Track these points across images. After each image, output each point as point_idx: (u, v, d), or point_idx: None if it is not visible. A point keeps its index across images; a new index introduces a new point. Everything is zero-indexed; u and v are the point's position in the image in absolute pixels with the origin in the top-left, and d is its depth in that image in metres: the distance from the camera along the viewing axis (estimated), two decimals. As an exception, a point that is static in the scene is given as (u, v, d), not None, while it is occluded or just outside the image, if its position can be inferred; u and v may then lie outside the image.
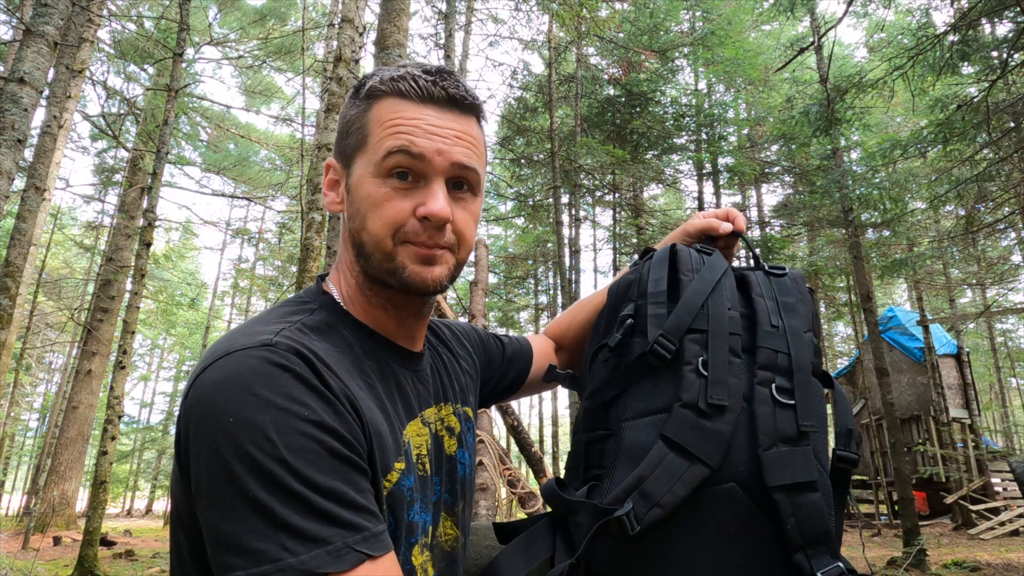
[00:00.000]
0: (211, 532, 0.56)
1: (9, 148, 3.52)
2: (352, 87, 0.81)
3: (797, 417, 0.73)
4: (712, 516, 0.69)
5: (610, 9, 10.83)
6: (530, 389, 1.10)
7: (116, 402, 6.22)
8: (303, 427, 0.57)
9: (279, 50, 14.95)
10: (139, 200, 12.71)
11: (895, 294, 25.93)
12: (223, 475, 0.55)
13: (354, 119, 0.76)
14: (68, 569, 6.83)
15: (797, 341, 0.78)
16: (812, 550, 0.68)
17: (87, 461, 13.43)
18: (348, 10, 4.94)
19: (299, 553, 0.53)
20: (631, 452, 0.72)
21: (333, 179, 0.79)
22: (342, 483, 0.58)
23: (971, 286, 15.86)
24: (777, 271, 0.88)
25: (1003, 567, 7.06)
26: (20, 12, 7.71)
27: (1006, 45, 6.70)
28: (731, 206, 9.97)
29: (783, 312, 0.80)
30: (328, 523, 0.55)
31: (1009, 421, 22.11)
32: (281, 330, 0.65)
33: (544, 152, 13.59)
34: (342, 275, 0.79)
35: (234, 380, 0.59)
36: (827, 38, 8.98)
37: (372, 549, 0.56)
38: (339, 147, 0.78)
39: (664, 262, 0.85)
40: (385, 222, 0.71)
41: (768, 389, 0.74)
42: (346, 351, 0.70)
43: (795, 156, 14.44)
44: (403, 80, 0.73)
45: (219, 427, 0.56)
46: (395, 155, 0.71)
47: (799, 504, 0.69)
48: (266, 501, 0.54)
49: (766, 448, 0.70)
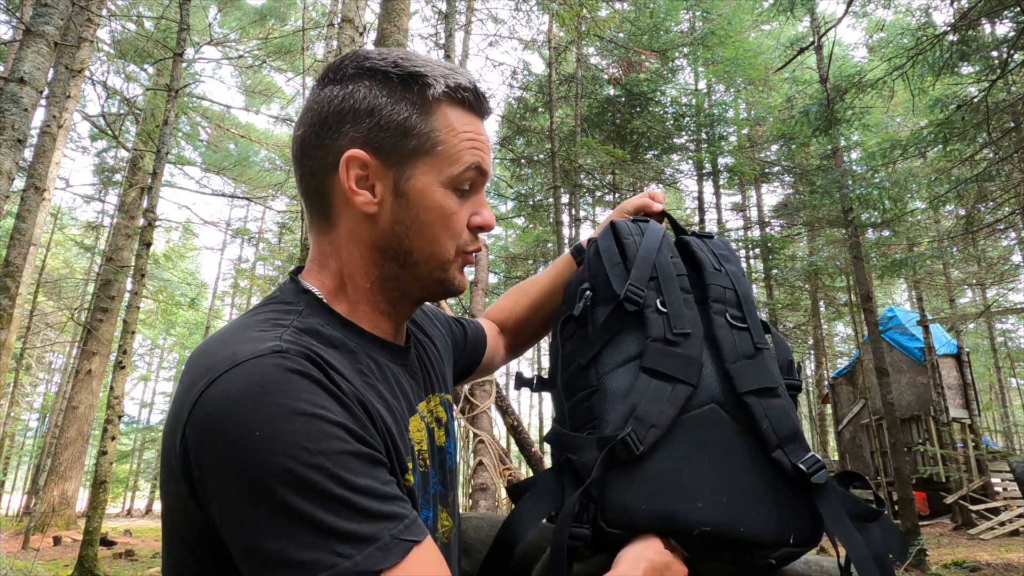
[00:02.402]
0: (250, 554, 0.54)
1: (9, 148, 3.52)
2: (369, 64, 0.71)
3: (752, 338, 0.85)
4: (702, 436, 0.76)
5: (610, 9, 10.83)
6: (480, 373, 1.14)
7: (116, 402, 6.22)
8: (332, 430, 0.56)
9: (279, 50, 14.95)
10: (139, 200, 12.71)
11: (895, 294, 25.94)
12: (258, 494, 0.53)
13: (413, 119, 0.70)
14: (68, 569, 6.84)
15: (740, 281, 0.91)
16: (789, 447, 0.77)
17: (87, 461, 13.44)
18: (348, 10, 4.94)
19: (352, 555, 0.53)
20: (617, 395, 0.79)
21: (362, 175, 0.70)
22: (374, 478, 0.58)
23: (971, 286, 15.86)
24: (706, 235, 1.02)
25: (1003, 567, 7.07)
26: (20, 12, 7.71)
27: (1006, 45, 6.70)
28: (729, 206, 9.82)
29: (722, 261, 0.94)
30: (372, 520, 0.55)
31: (1009, 421, 22.12)
32: (282, 334, 0.63)
33: (544, 152, 13.60)
34: (330, 278, 0.75)
35: (251, 392, 0.56)
36: (827, 38, 8.99)
37: (416, 535, 0.57)
38: (385, 143, 0.70)
39: (608, 233, 0.97)
40: (453, 235, 0.73)
41: (723, 318, 0.85)
42: (342, 352, 0.68)
43: (795, 156, 14.44)
44: (463, 90, 0.73)
45: (244, 445, 0.54)
46: (472, 171, 0.73)
47: (769, 406, 0.79)
48: (309, 511, 0.53)
49: (732, 363, 0.81)
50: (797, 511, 0.76)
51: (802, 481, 0.75)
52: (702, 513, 0.72)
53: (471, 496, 4.48)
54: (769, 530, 0.73)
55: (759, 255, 15.04)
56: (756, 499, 0.74)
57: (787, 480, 0.76)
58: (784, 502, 0.76)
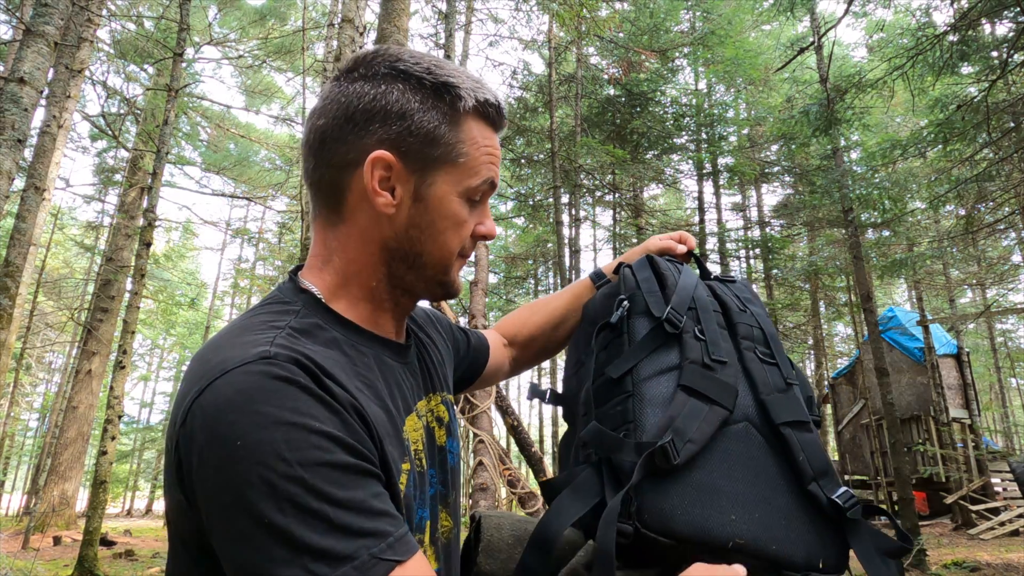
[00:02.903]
0: (230, 565, 0.55)
1: (9, 148, 3.52)
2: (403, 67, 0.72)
3: (782, 373, 0.88)
4: (736, 451, 0.79)
5: (610, 9, 10.84)
6: (481, 383, 1.14)
7: (116, 402, 6.22)
8: (315, 440, 0.55)
9: (279, 50, 14.96)
10: (139, 200, 12.72)
11: (895, 294, 25.95)
12: (235, 505, 0.53)
13: (442, 129, 0.71)
14: (68, 569, 6.84)
15: (765, 321, 0.95)
16: (823, 480, 0.79)
17: (87, 461, 13.44)
18: (348, 10, 4.94)
19: (326, 574, 0.51)
20: (654, 401, 0.81)
21: (385, 176, 0.71)
22: (359, 492, 0.56)
23: (971, 286, 15.87)
24: (728, 279, 1.05)
25: (1003, 567, 7.07)
26: (20, 12, 7.70)
27: (1006, 45, 6.70)
28: (729, 206, 9.83)
29: (745, 303, 0.97)
30: (351, 536, 0.53)
31: (1009, 421, 22.13)
32: (274, 339, 0.62)
33: (544, 152, 13.60)
34: (332, 276, 0.74)
35: (236, 401, 0.56)
36: (827, 38, 8.99)
37: (399, 554, 0.55)
38: (412, 148, 0.71)
39: (646, 264, 1.00)
40: (459, 241, 0.76)
41: (753, 354, 0.89)
42: (340, 352, 0.68)
43: (795, 156, 14.44)
44: (489, 106, 0.75)
45: (226, 454, 0.54)
46: (486, 185, 0.76)
47: (804, 440, 0.81)
48: (284, 525, 0.52)
49: (766, 395, 0.84)
50: (827, 538, 0.78)
51: (837, 515, 0.77)
52: (736, 526, 0.73)
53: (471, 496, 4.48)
54: (801, 553, 0.75)
55: (759, 255, 15.05)
56: (788, 520, 0.76)
57: (819, 509, 0.78)
58: (816, 528, 0.77)
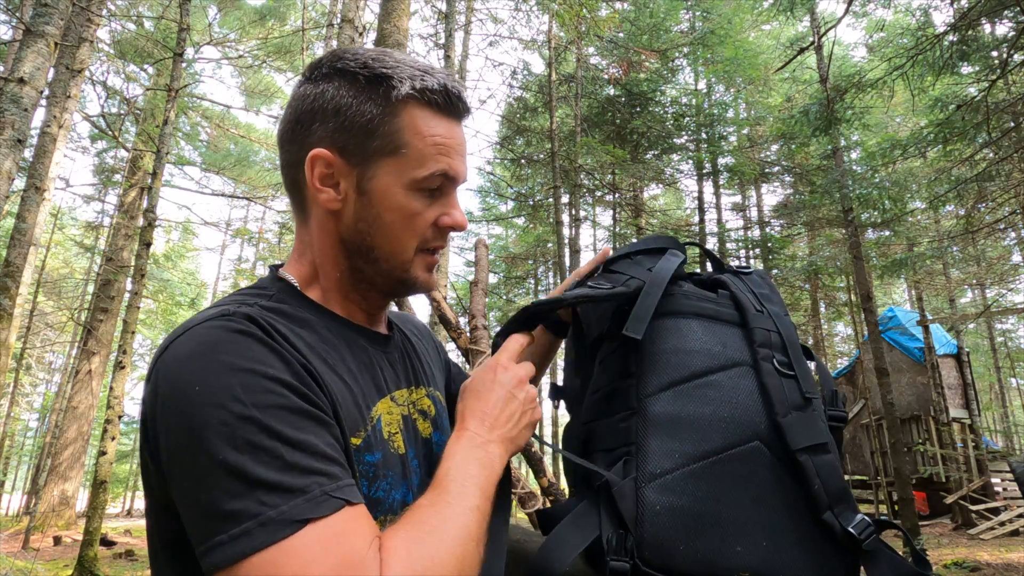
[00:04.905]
0: (187, 506, 0.56)
1: (9, 148, 3.52)
2: (341, 65, 0.73)
3: (800, 387, 0.81)
4: (743, 473, 0.74)
5: (610, 9, 10.84)
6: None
7: (116, 402, 6.22)
8: (269, 385, 0.58)
9: (279, 50, 14.95)
10: (139, 200, 12.72)
11: (895, 294, 25.94)
12: (193, 444, 0.55)
13: (376, 119, 0.71)
14: (68, 569, 6.84)
15: (783, 322, 0.87)
16: (838, 508, 0.75)
17: (87, 461, 13.44)
18: (348, 10, 4.94)
19: (278, 505, 0.53)
20: (658, 423, 0.77)
21: (326, 173, 0.72)
22: (312, 436, 0.58)
23: (971, 286, 15.87)
24: (743, 271, 0.97)
25: (1003, 567, 7.07)
26: (20, 12, 7.70)
27: (1006, 45, 6.70)
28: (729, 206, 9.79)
29: (763, 301, 0.90)
30: (303, 474, 0.56)
31: (1009, 421, 22.11)
32: (239, 306, 0.66)
33: (544, 152, 13.59)
34: (306, 267, 0.77)
35: (197, 351, 0.59)
36: (827, 38, 8.99)
37: (350, 496, 0.57)
38: (349, 143, 0.71)
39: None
40: (414, 235, 0.74)
41: (771, 364, 0.82)
42: (308, 331, 0.70)
43: (795, 156, 14.44)
44: (430, 92, 0.72)
45: (185, 398, 0.57)
46: (439, 177, 0.73)
47: (820, 464, 0.76)
48: (239, 462, 0.54)
49: (783, 416, 0.77)
50: (841, 567, 0.75)
51: (852, 546, 0.74)
52: (742, 557, 0.71)
53: (471, 496, 4.48)
54: None
55: (759, 255, 15.04)
56: (798, 549, 0.73)
57: (831, 536, 0.74)
58: (828, 557, 0.74)
